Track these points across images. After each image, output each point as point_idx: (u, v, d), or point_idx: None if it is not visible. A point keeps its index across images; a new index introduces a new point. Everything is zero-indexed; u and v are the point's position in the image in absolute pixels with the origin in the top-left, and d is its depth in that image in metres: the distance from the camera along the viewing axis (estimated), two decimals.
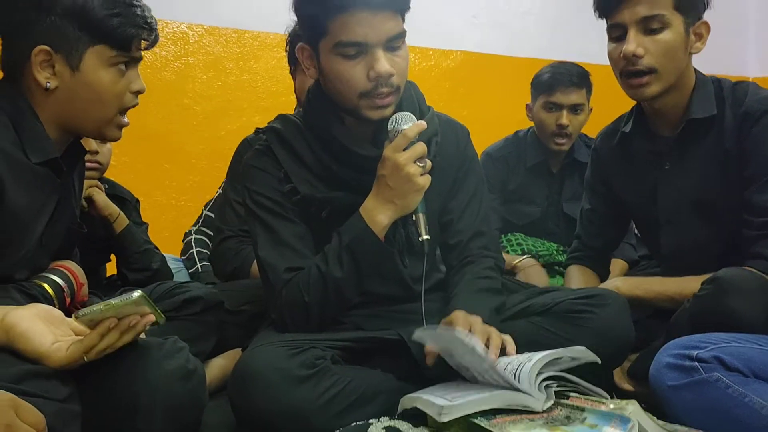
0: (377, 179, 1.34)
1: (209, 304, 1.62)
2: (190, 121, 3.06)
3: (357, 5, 1.27)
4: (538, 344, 1.35)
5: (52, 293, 1.28)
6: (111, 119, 1.29)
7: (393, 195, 1.32)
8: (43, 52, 1.20)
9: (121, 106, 1.29)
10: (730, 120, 1.51)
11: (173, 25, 3.09)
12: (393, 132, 1.33)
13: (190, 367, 1.14)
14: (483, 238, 1.53)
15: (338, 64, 1.32)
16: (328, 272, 1.34)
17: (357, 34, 1.29)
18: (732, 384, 1.14)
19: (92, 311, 1.00)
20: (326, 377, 1.25)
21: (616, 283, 1.65)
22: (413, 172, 1.30)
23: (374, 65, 1.30)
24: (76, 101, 1.25)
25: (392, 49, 1.33)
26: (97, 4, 1.21)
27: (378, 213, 1.34)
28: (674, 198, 1.60)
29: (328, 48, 1.32)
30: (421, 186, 1.32)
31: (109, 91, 1.26)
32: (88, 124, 1.29)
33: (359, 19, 1.28)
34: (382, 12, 1.29)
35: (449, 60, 3.63)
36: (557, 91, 2.38)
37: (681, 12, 1.48)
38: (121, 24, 1.23)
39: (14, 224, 1.20)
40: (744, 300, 1.28)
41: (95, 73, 1.24)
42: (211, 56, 3.15)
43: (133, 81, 1.30)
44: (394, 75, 1.32)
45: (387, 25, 1.30)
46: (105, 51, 1.23)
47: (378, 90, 1.32)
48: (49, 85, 1.22)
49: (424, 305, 1.39)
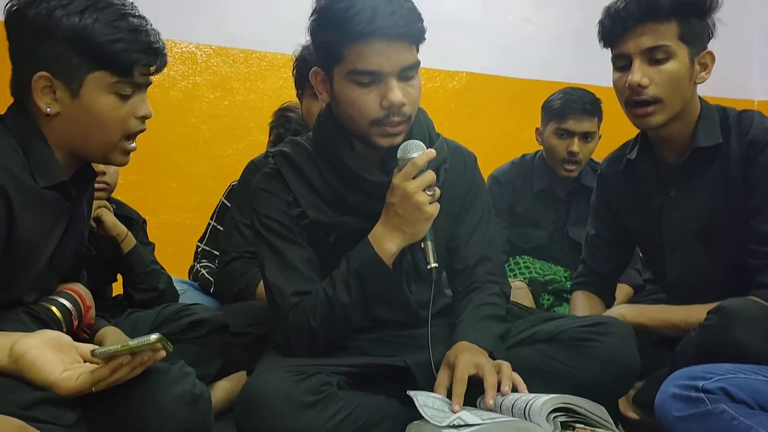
0: (386, 207, 1.35)
1: (215, 326, 1.62)
2: (196, 140, 3.09)
3: (373, 35, 1.28)
4: (543, 372, 1.36)
5: (60, 316, 1.29)
6: (115, 145, 1.28)
7: (402, 223, 1.33)
8: (43, 78, 1.20)
9: (125, 132, 1.27)
10: (736, 149, 1.52)
11: (182, 45, 3.12)
12: (402, 160, 1.34)
13: (196, 392, 1.15)
14: (489, 263, 1.53)
15: (351, 90, 1.33)
16: (335, 297, 1.34)
17: (372, 63, 1.30)
18: (738, 416, 1.14)
19: (108, 351, 1.01)
20: (332, 403, 1.25)
21: (621, 310, 1.65)
22: (422, 201, 1.31)
23: (387, 94, 1.31)
24: (78, 127, 1.24)
25: (405, 79, 1.34)
26: (98, 30, 1.19)
27: (387, 241, 1.34)
28: (680, 225, 1.60)
29: (342, 74, 1.34)
30: (430, 214, 1.32)
31: (111, 117, 1.24)
32: (91, 149, 1.27)
33: (375, 49, 1.29)
34: (398, 43, 1.31)
35: (455, 81, 3.66)
36: (569, 119, 2.37)
37: (686, 42, 1.49)
38: (122, 50, 1.20)
39: (24, 248, 1.20)
40: (749, 331, 1.28)
41: (95, 99, 1.22)
42: (219, 76, 3.18)
43: (138, 106, 1.27)
44: (406, 104, 1.33)
45: (402, 55, 1.32)
46: (105, 77, 1.22)
47: (389, 119, 1.33)
48: (50, 111, 1.21)
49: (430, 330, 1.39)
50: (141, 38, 1.23)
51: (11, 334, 1.08)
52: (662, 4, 1.46)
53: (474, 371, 1.25)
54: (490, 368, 1.25)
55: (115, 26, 1.20)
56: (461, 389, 1.23)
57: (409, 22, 1.32)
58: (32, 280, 1.25)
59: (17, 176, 1.18)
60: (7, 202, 1.15)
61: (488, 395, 1.20)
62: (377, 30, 1.28)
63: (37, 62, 1.20)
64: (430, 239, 1.35)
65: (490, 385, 1.22)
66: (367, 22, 1.27)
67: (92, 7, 1.19)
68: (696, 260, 1.60)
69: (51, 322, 1.25)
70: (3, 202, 1.14)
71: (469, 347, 1.32)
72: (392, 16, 1.28)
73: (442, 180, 1.41)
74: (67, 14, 1.18)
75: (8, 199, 1.15)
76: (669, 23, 1.48)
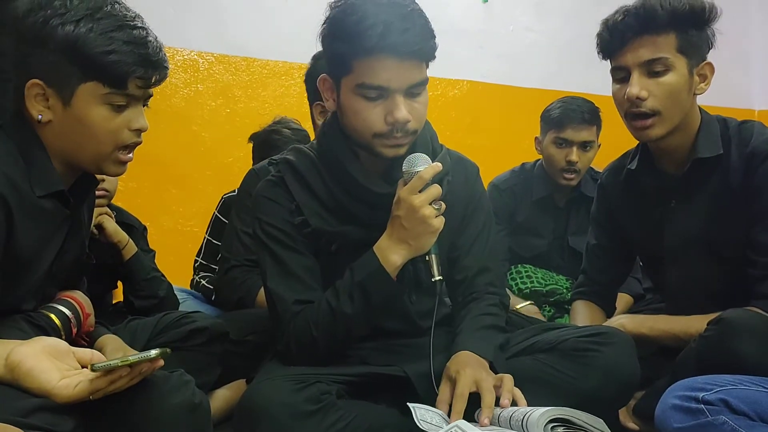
0: (392, 219, 1.35)
1: (215, 334, 1.62)
2: (197, 147, 3.09)
3: (384, 51, 1.28)
4: (542, 382, 1.36)
5: (59, 324, 1.28)
6: (107, 155, 1.25)
7: (407, 236, 1.33)
8: (36, 86, 1.19)
9: (118, 143, 1.25)
10: (736, 159, 1.52)
11: (184, 52, 3.13)
12: (408, 173, 1.33)
13: (195, 401, 1.14)
14: (489, 274, 1.53)
15: (358, 103, 1.33)
16: (338, 308, 1.34)
17: (381, 78, 1.30)
18: (738, 428, 1.13)
19: (108, 365, 1.00)
20: (332, 412, 1.25)
21: (621, 320, 1.65)
22: (428, 214, 1.30)
23: (393, 111, 1.31)
24: (70, 136, 1.22)
25: (412, 96, 1.34)
26: (92, 40, 1.17)
27: (392, 253, 1.34)
28: (680, 236, 1.60)
29: (350, 86, 1.33)
30: (436, 228, 1.32)
31: (102, 127, 1.22)
32: (84, 158, 1.26)
33: (385, 65, 1.29)
34: (408, 61, 1.30)
35: (456, 89, 3.67)
36: (568, 128, 2.37)
37: (684, 54, 1.49)
38: (115, 61, 1.18)
39: (23, 255, 1.20)
40: (749, 342, 1.28)
41: (86, 110, 1.20)
42: (220, 83, 3.19)
43: (133, 119, 1.25)
44: (410, 121, 1.33)
45: (411, 73, 1.31)
46: (98, 88, 1.20)
47: (393, 134, 1.33)
48: (41, 118, 1.20)
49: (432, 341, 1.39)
50: (137, 50, 1.20)
51: (7, 343, 1.07)
52: (660, 17, 1.46)
53: (475, 388, 1.24)
54: (489, 387, 1.24)
55: (110, 37, 1.18)
56: (461, 406, 1.22)
57: (422, 40, 1.31)
58: (31, 287, 1.25)
59: (17, 184, 1.18)
60: (7, 209, 1.15)
61: (484, 414, 1.20)
62: (388, 46, 1.27)
63: (32, 69, 1.20)
64: (435, 252, 1.35)
65: (487, 405, 1.21)
66: (379, 37, 1.26)
67: (89, 17, 1.18)
68: (696, 270, 1.60)
69: (50, 330, 1.25)
70: (3, 210, 1.14)
71: (470, 359, 1.32)
72: (405, 34, 1.28)
73: (444, 191, 1.41)
74: (62, 23, 1.17)
75: (8, 207, 1.15)
76: (667, 35, 1.47)
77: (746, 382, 1.21)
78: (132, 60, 1.20)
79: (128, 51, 1.19)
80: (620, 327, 1.55)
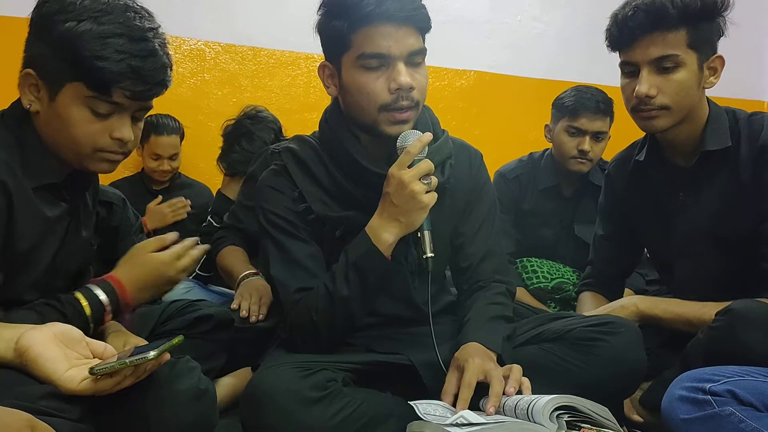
0: (383, 197, 1.35)
1: (220, 322, 1.63)
2: (204, 137, 3.09)
3: (381, 18, 1.31)
4: (549, 371, 1.36)
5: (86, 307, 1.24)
6: (87, 155, 1.23)
7: (398, 212, 1.32)
8: (30, 76, 1.20)
9: (96, 147, 1.23)
10: (746, 152, 1.51)
11: (190, 42, 3.12)
12: (401, 149, 1.34)
13: (201, 387, 1.14)
14: (494, 260, 1.53)
15: (360, 76, 1.34)
16: (335, 291, 1.35)
17: (380, 46, 1.32)
18: (745, 419, 1.13)
19: (107, 368, 0.99)
20: (337, 399, 1.25)
21: (634, 300, 1.63)
22: (418, 190, 1.30)
23: (396, 77, 1.32)
24: (51, 129, 1.23)
25: (413, 65, 1.35)
26: (85, 41, 1.16)
27: (383, 231, 1.34)
28: (689, 229, 1.59)
29: (350, 61, 1.35)
30: (426, 204, 1.31)
31: (80, 129, 1.20)
32: (65, 153, 1.24)
33: (382, 32, 1.32)
34: (404, 26, 1.33)
35: (463, 80, 3.65)
36: (582, 117, 2.34)
37: (695, 49, 1.47)
38: (101, 67, 1.16)
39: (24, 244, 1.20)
40: (758, 333, 1.27)
41: (68, 108, 1.20)
42: (227, 73, 3.18)
43: (116, 128, 1.22)
44: (414, 89, 1.34)
45: (409, 39, 1.34)
46: (81, 89, 1.18)
47: (398, 103, 1.34)
48: (30, 107, 1.21)
49: (435, 328, 1.38)
50: (130, 61, 1.18)
51: (18, 327, 1.07)
52: (670, 13, 1.43)
53: (483, 377, 1.24)
54: (499, 376, 1.22)
55: (104, 42, 1.17)
56: (468, 395, 1.22)
57: (416, 7, 1.35)
58: (33, 280, 1.25)
59: (16, 172, 1.19)
60: (8, 196, 1.15)
61: (491, 402, 1.18)
62: (384, 12, 1.30)
63: (29, 59, 1.21)
64: (428, 229, 1.34)
65: (495, 393, 1.19)
66: (374, 4, 1.30)
67: (93, 18, 1.17)
68: (705, 263, 1.59)
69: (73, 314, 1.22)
70: (4, 197, 1.15)
71: (478, 350, 1.31)
72: (399, 1, 1.31)
73: (447, 175, 1.41)
74: (66, 19, 1.17)
75: (9, 194, 1.16)
76: (678, 31, 1.45)
77: (754, 373, 1.20)
78: (119, 69, 1.17)
79: (118, 60, 1.17)
80: (633, 306, 1.54)
